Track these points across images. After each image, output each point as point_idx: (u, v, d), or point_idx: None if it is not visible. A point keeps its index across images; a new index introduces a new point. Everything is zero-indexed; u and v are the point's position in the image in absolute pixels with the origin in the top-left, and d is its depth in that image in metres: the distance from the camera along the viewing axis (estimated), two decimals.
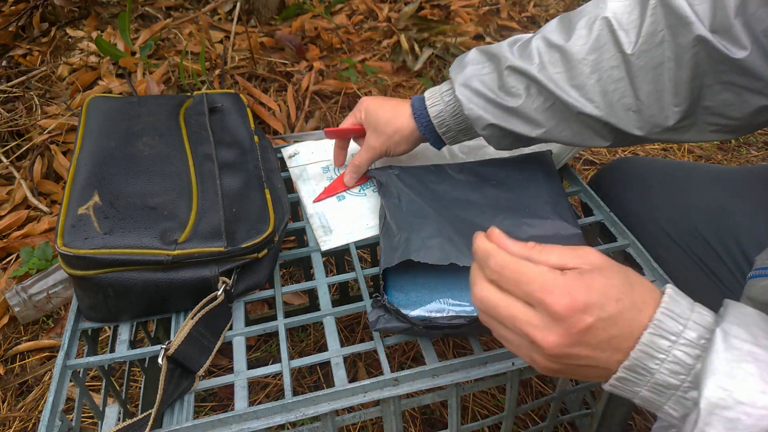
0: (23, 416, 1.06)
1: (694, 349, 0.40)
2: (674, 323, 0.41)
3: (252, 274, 0.69)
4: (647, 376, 0.41)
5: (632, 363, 0.41)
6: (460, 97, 0.69)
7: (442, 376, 0.61)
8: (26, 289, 1.18)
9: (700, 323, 0.41)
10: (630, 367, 0.41)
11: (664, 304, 0.41)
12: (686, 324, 0.41)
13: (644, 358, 0.41)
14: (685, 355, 0.40)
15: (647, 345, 0.40)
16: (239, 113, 0.85)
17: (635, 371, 0.41)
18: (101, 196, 0.67)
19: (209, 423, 0.56)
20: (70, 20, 2.05)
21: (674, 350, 0.40)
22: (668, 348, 0.40)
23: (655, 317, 0.41)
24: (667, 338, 0.40)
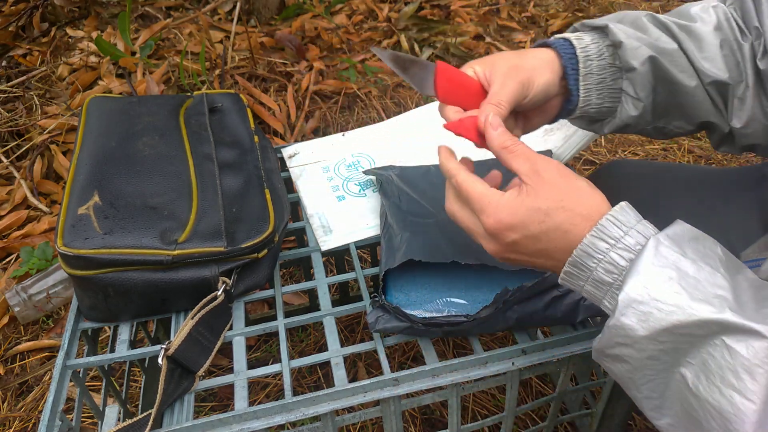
0: (23, 416, 1.06)
1: (629, 253, 0.45)
2: (616, 229, 0.46)
3: (252, 274, 0.69)
4: (587, 272, 0.47)
5: (574, 260, 0.47)
6: (612, 27, 0.62)
7: (442, 376, 0.61)
8: (26, 289, 1.18)
9: (641, 232, 0.46)
10: (572, 262, 0.48)
11: (611, 213, 0.47)
12: (628, 232, 0.46)
13: (583, 257, 0.47)
14: (620, 257, 0.45)
15: (587, 245, 0.46)
16: (239, 113, 0.85)
17: (577, 267, 0.47)
18: (101, 196, 0.67)
19: (209, 423, 0.56)
20: (70, 20, 2.05)
21: (611, 252, 0.46)
22: (606, 250, 0.46)
23: (600, 222, 0.46)
24: (606, 241, 0.46)
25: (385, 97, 1.79)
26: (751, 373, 0.39)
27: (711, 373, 0.40)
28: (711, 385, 0.40)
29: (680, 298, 0.42)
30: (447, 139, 0.94)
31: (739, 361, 0.39)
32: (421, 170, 0.81)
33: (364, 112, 1.74)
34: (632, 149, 1.68)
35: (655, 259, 0.43)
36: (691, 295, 0.42)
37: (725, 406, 0.40)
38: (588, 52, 0.63)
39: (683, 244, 0.45)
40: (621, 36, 0.61)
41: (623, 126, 0.65)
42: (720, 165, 1.63)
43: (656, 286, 0.42)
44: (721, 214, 0.77)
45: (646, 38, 0.62)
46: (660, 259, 0.43)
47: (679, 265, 0.43)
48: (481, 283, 0.68)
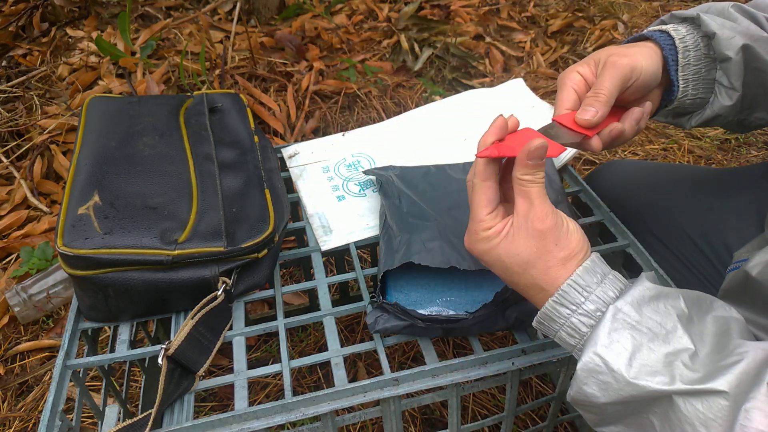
0: (23, 416, 1.06)
1: (589, 319, 0.47)
2: (577, 295, 0.47)
3: (252, 274, 0.69)
4: (552, 332, 0.50)
5: (540, 318, 0.50)
6: (705, 18, 0.62)
7: (442, 376, 0.61)
8: (26, 289, 1.18)
9: (601, 297, 0.47)
10: (539, 320, 0.50)
11: (573, 277, 0.48)
12: (588, 297, 0.47)
13: (547, 320, 0.49)
14: (581, 323, 0.47)
15: (551, 310, 0.48)
16: (239, 113, 0.85)
17: (545, 324, 0.50)
18: (101, 196, 0.67)
19: (209, 423, 0.56)
20: (70, 20, 2.05)
21: (572, 318, 0.47)
22: (568, 315, 0.48)
23: (561, 288, 0.48)
24: (567, 307, 0.48)
25: (385, 97, 1.79)
26: (707, 426, 0.40)
27: (672, 424, 0.42)
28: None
29: (635, 371, 0.44)
30: (447, 139, 0.94)
31: (695, 415, 0.41)
32: (421, 170, 0.80)
33: (364, 112, 1.74)
34: (632, 149, 1.68)
35: (611, 329, 0.45)
36: (643, 368, 0.43)
37: None
38: (686, 42, 0.63)
39: (643, 307, 0.46)
40: (714, 26, 0.61)
41: (713, 118, 0.65)
42: (720, 165, 1.63)
43: (612, 358, 0.44)
44: (718, 214, 0.77)
45: (738, 27, 0.62)
46: (616, 331, 0.45)
47: (635, 335, 0.45)
48: (482, 282, 0.68)
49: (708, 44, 0.62)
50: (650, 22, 2.30)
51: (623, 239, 0.74)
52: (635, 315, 0.46)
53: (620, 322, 0.45)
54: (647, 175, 0.88)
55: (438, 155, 0.89)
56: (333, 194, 0.84)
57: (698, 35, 0.63)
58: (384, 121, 0.99)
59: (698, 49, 0.63)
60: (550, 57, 2.03)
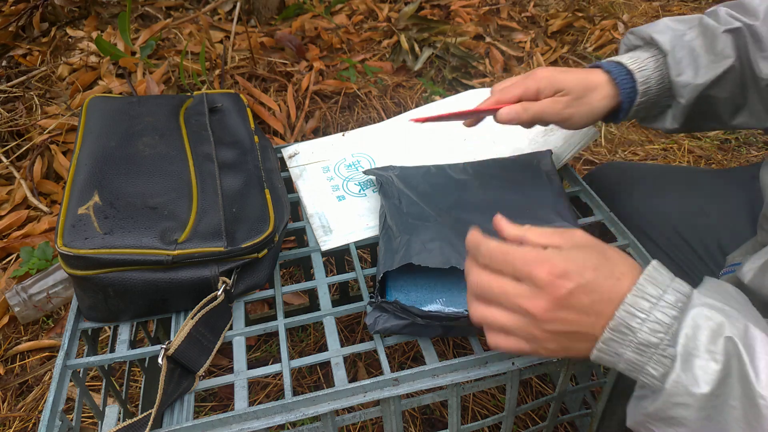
0: (23, 416, 1.06)
1: (672, 310, 0.44)
2: (655, 288, 0.45)
3: (252, 274, 0.69)
4: (630, 335, 0.45)
5: (616, 323, 0.45)
6: (670, 61, 0.65)
7: (442, 376, 0.61)
8: (26, 289, 1.18)
9: (678, 290, 0.45)
10: (614, 327, 0.45)
11: (647, 272, 0.46)
12: (666, 290, 0.45)
13: (627, 317, 0.44)
14: (664, 315, 0.44)
15: (630, 305, 0.44)
16: (239, 113, 0.85)
17: (619, 331, 0.45)
18: (101, 196, 0.67)
19: (209, 423, 0.56)
20: (70, 20, 2.05)
21: (654, 311, 0.44)
22: (649, 309, 0.44)
23: (639, 282, 0.45)
24: (648, 300, 0.45)
25: (385, 97, 1.79)
26: None
27: None
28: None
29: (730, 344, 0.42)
30: (447, 140, 0.94)
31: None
32: (421, 170, 0.81)
33: (364, 112, 1.74)
34: (632, 149, 1.68)
35: (702, 310, 0.43)
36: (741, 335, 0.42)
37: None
38: (649, 84, 0.66)
39: (724, 294, 0.46)
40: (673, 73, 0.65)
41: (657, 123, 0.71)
42: (720, 166, 1.63)
43: (708, 336, 0.42)
44: (711, 215, 0.77)
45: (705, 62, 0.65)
46: (707, 309, 0.43)
47: (727, 313, 0.43)
48: None
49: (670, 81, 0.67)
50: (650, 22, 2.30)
51: (623, 239, 0.74)
52: (720, 297, 0.44)
53: (708, 304, 0.44)
54: (643, 176, 0.88)
55: (438, 155, 0.89)
56: (333, 194, 0.84)
57: (665, 71, 0.67)
58: (384, 121, 0.99)
59: (662, 84, 0.67)
60: (550, 57, 2.03)
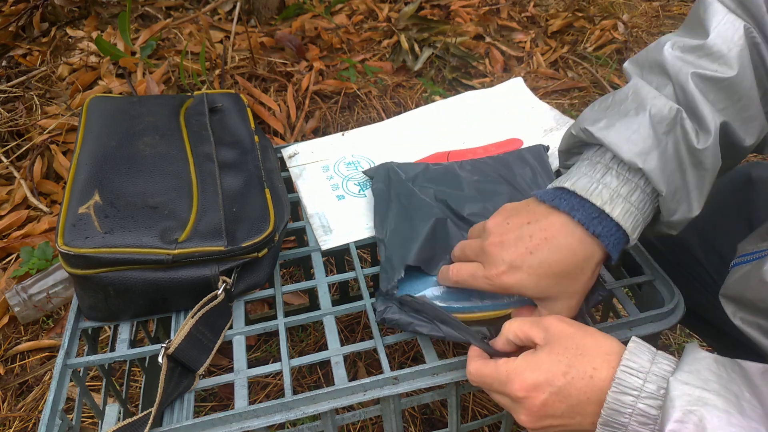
0: (23, 416, 1.06)
1: (655, 400, 0.44)
2: (634, 379, 0.45)
3: (252, 273, 0.69)
4: (621, 429, 0.45)
5: (605, 420, 0.45)
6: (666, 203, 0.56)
7: (441, 375, 0.61)
8: (26, 289, 1.18)
9: (658, 375, 0.45)
10: (604, 423, 0.46)
11: (623, 363, 0.45)
12: (646, 378, 0.45)
13: (614, 415, 0.45)
14: (648, 407, 0.44)
15: (613, 402, 0.45)
16: (239, 113, 0.85)
17: (611, 426, 0.46)
18: (102, 195, 0.67)
19: (209, 422, 0.57)
20: (70, 20, 2.05)
21: (638, 404, 0.44)
22: (632, 402, 0.44)
23: (616, 376, 0.45)
24: (629, 394, 0.44)
25: (385, 97, 1.79)
26: None
27: None
28: None
29: None
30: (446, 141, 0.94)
31: None
32: (420, 166, 0.81)
33: (364, 112, 1.74)
34: None
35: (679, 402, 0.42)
36: None
37: None
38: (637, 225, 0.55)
39: (703, 374, 0.44)
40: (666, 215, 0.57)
41: None
42: None
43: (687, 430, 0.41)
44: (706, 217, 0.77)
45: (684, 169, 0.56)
46: (684, 401, 0.42)
47: (705, 401, 0.42)
48: None
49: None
50: (650, 22, 2.29)
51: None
52: (698, 382, 0.43)
53: (687, 393, 0.43)
54: None
55: None
56: (333, 193, 0.84)
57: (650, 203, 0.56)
58: (384, 120, 0.99)
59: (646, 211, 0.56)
60: (550, 57, 2.03)
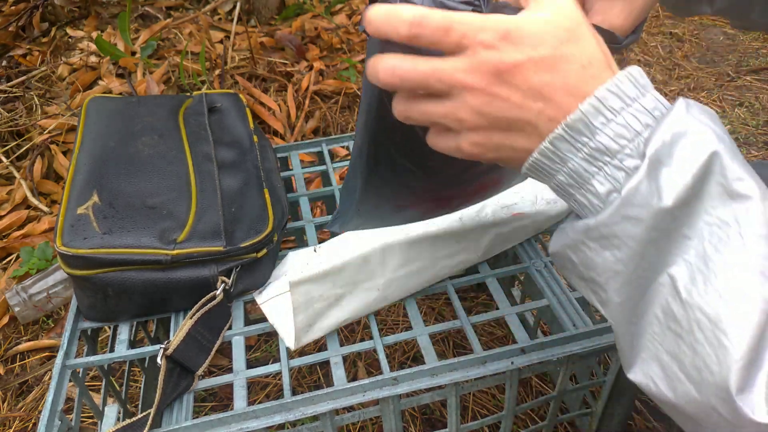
0: (23, 416, 1.06)
1: (646, 116, 0.36)
2: (633, 88, 0.37)
3: (251, 273, 0.69)
4: (586, 136, 0.36)
5: (576, 117, 0.36)
6: None
7: (441, 376, 0.61)
8: (26, 289, 1.18)
9: (658, 98, 0.37)
10: (571, 123, 0.36)
11: (627, 70, 0.37)
12: (644, 93, 0.37)
13: (591, 113, 0.36)
14: (635, 120, 0.36)
15: (599, 99, 0.36)
16: (239, 113, 0.85)
17: (575, 129, 0.36)
18: (100, 196, 0.67)
19: (208, 422, 0.57)
20: (70, 20, 2.05)
21: (625, 112, 0.36)
22: (620, 109, 0.36)
23: (616, 76, 0.36)
24: (621, 99, 0.36)
25: None
26: (765, 273, 0.33)
27: (713, 274, 0.34)
28: (709, 289, 0.34)
29: (717, 158, 0.34)
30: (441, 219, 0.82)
31: (754, 262, 0.34)
32: None
33: None
34: None
35: (687, 115, 0.35)
36: (731, 155, 0.35)
37: (724, 314, 0.34)
38: None
39: (711, 113, 0.37)
40: None
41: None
42: None
43: (690, 148, 0.34)
44: None
45: None
46: (693, 115, 0.35)
47: (715, 128, 0.35)
48: None
49: None
50: (650, 22, 2.29)
51: None
52: (708, 112, 0.37)
53: (694, 114, 0.36)
54: None
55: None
56: None
57: None
58: None
59: None
60: None
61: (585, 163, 0.37)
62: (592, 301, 0.41)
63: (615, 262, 0.37)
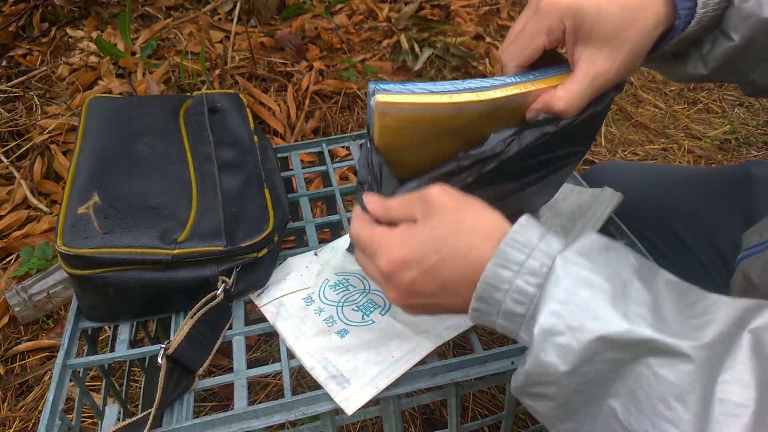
0: (23, 416, 1.06)
1: (535, 278, 0.40)
2: (517, 253, 0.41)
3: (252, 273, 0.69)
4: (495, 306, 0.42)
5: (479, 294, 0.42)
6: None
7: (441, 375, 0.61)
8: (26, 289, 1.18)
9: (544, 251, 0.41)
10: (479, 297, 0.42)
11: (509, 236, 0.41)
12: (530, 254, 0.41)
13: (489, 290, 0.41)
14: (526, 284, 0.40)
15: (489, 276, 0.41)
16: (239, 113, 0.85)
17: (485, 301, 0.42)
18: (101, 195, 0.67)
19: (209, 422, 0.57)
20: (70, 20, 2.05)
21: (516, 280, 0.40)
22: (511, 278, 0.41)
23: (499, 248, 0.41)
24: (509, 268, 0.41)
25: None
26: (682, 400, 0.35)
27: (640, 404, 0.37)
28: (642, 417, 0.36)
29: (596, 323, 0.37)
30: None
31: (667, 389, 0.36)
32: None
33: (364, 112, 1.74)
34: (632, 149, 1.68)
35: (565, 280, 0.39)
36: (606, 316, 0.38)
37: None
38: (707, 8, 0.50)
39: (593, 257, 0.40)
40: None
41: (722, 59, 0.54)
42: (720, 165, 1.63)
43: (570, 312, 0.38)
44: (705, 214, 0.77)
45: None
46: (571, 280, 0.39)
47: (592, 283, 0.39)
48: None
49: None
50: None
51: (622, 238, 0.74)
52: (587, 263, 0.39)
53: (572, 272, 0.39)
54: (638, 177, 0.88)
55: None
56: (330, 330, 0.64)
57: None
58: None
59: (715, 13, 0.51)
60: None
61: (506, 322, 0.42)
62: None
63: (551, 409, 0.41)
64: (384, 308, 0.66)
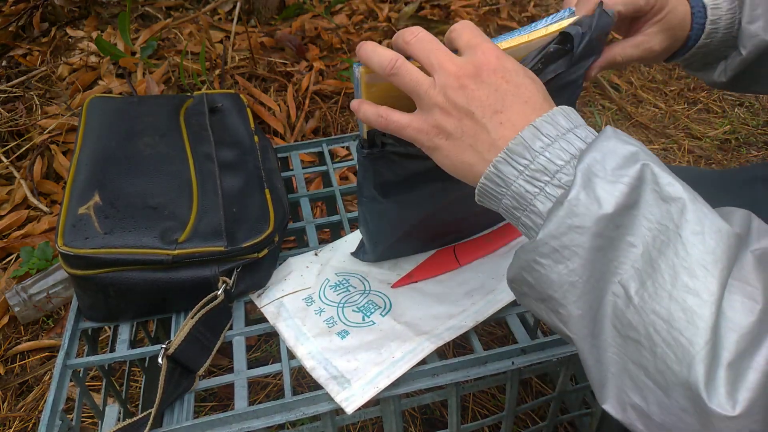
0: (23, 416, 1.06)
1: (580, 142, 0.41)
2: (567, 121, 0.42)
3: (252, 273, 0.69)
4: (527, 158, 0.40)
5: (517, 142, 0.41)
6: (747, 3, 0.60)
7: (441, 376, 0.61)
8: (26, 289, 1.18)
9: (590, 130, 0.42)
10: (513, 148, 0.41)
11: (560, 108, 0.42)
12: (578, 126, 0.42)
13: (530, 138, 0.41)
14: (570, 144, 0.40)
15: (536, 127, 0.41)
16: (239, 113, 0.85)
17: (517, 153, 0.41)
18: (102, 196, 0.67)
19: (209, 422, 0.57)
20: (70, 20, 2.05)
21: (561, 139, 0.40)
22: (555, 136, 0.41)
23: (551, 111, 0.42)
24: (556, 128, 0.41)
25: None
26: (708, 269, 0.35)
27: (660, 276, 0.36)
28: (659, 290, 0.36)
29: (648, 168, 0.38)
30: None
31: (695, 258, 0.35)
32: None
33: None
34: None
35: (615, 136, 0.39)
36: (659, 165, 0.38)
37: (676, 313, 0.35)
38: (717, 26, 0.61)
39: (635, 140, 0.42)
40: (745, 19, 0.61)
41: None
42: (720, 166, 1.63)
43: (621, 162, 0.38)
44: None
45: None
46: (622, 137, 0.39)
47: (641, 147, 0.39)
48: None
49: None
50: None
51: None
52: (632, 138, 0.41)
53: (623, 137, 0.40)
54: None
55: None
56: (331, 331, 0.65)
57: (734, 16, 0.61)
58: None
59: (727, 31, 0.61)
60: None
61: (527, 184, 0.41)
62: (554, 322, 0.41)
63: (568, 273, 0.38)
64: (384, 309, 0.66)
